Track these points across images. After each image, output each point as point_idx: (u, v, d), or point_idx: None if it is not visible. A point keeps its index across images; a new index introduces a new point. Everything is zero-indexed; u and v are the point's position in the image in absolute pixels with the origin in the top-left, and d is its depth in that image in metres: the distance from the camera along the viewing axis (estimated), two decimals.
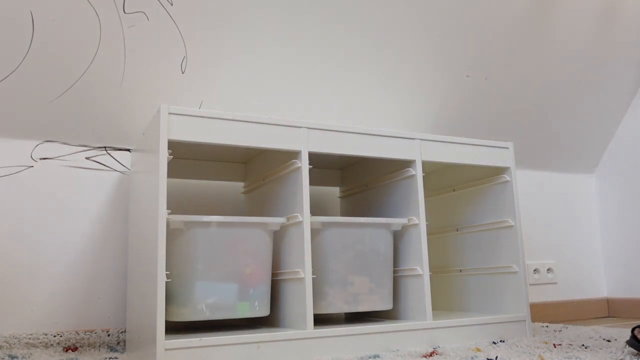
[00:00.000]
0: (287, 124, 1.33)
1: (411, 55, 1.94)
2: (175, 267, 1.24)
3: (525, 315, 1.56)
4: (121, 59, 1.55)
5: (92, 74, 1.53)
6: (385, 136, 1.46)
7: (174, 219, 1.21)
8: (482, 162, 1.59)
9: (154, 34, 1.57)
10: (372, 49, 1.88)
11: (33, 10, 1.43)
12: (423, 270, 1.44)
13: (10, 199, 1.48)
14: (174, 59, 1.62)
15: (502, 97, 2.15)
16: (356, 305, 1.42)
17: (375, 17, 1.84)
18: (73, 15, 1.46)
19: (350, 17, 1.81)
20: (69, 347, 1.43)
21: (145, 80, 1.60)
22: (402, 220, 1.48)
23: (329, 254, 1.40)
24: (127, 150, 1.62)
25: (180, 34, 1.61)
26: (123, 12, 1.52)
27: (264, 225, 1.34)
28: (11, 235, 1.47)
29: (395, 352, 1.30)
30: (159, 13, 1.56)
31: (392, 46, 1.90)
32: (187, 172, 1.65)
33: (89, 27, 1.49)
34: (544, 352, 1.25)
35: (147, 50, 1.58)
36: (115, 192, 1.59)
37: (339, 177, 1.87)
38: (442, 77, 2.01)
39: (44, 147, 1.54)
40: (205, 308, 1.25)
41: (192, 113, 1.23)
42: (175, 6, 1.58)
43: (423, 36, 1.92)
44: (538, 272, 2.23)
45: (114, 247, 1.57)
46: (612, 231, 2.37)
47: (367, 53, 1.87)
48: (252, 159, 1.65)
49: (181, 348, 1.11)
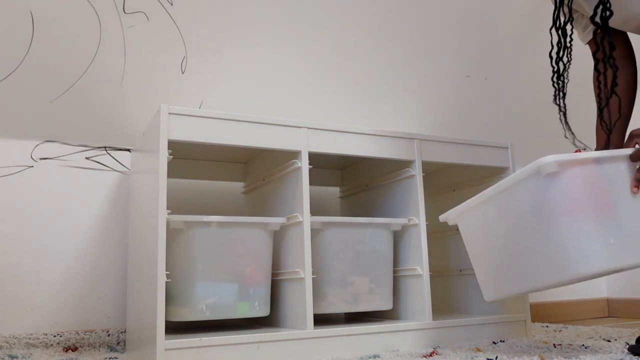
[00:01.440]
0: (287, 124, 1.33)
1: (411, 55, 1.94)
2: (175, 267, 1.24)
3: (525, 315, 1.56)
4: (121, 59, 1.55)
5: (92, 74, 1.53)
6: (385, 136, 1.46)
7: (174, 219, 1.21)
8: (482, 162, 1.59)
9: (154, 34, 1.57)
10: (372, 49, 1.88)
11: (33, 10, 1.43)
12: (423, 270, 1.44)
13: (10, 199, 1.48)
14: (174, 59, 1.62)
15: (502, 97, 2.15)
16: (356, 305, 1.42)
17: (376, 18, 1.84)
18: (73, 15, 1.46)
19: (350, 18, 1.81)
20: (69, 347, 1.43)
21: (145, 80, 1.60)
22: (402, 220, 1.48)
23: (329, 254, 1.40)
24: (127, 150, 1.62)
25: (180, 34, 1.61)
26: (123, 12, 1.52)
27: (264, 225, 1.34)
28: (11, 235, 1.47)
29: (395, 352, 1.30)
30: (159, 13, 1.56)
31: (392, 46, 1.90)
32: (187, 172, 1.65)
33: (89, 27, 1.49)
34: (544, 352, 1.25)
35: (147, 50, 1.58)
36: (115, 192, 1.59)
37: (339, 177, 1.87)
38: (442, 77, 2.01)
39: (44, 147, 1.54)
40: (205, 308, 1.25)
41: (192, 113, 1.23)
42: (175, 6, 1.58)
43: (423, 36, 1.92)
44: None
45: (114, 247, 1.57)
46: None
47: (367, 53, 1.87)
48: (252, 159, 1.65)
49: (181, 348, 1.11)
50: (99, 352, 1.39)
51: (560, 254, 1.10)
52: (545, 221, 1.12)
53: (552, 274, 1.12)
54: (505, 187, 1.18)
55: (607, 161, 1.13)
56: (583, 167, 1.10)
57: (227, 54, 1.68)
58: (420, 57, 1.95)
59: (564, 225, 1.09)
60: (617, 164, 1.14)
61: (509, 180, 1.16)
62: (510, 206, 1.18)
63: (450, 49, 1.97)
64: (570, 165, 1.10)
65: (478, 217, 1.28)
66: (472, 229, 1.30)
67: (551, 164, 1.08)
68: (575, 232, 1.08)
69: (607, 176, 1.12)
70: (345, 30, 1.81)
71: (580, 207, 1.10)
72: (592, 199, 1.10)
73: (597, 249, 1.07)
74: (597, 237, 1.08)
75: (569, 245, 1.09)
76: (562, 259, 1.10)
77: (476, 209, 1.27)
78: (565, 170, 1.09)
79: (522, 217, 1.17)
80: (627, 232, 1.09)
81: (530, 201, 1.14)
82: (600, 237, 1.08)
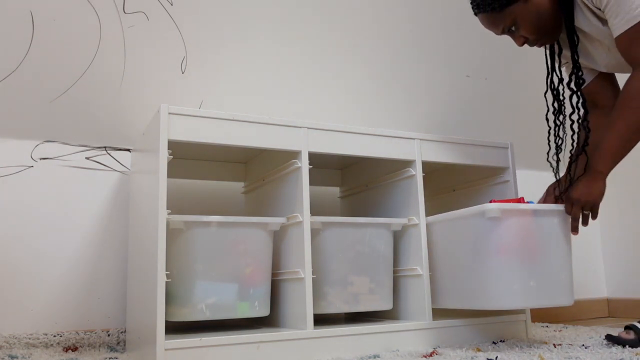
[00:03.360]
0: (287, 124, 1.33)
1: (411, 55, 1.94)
2: (175, 267, 1.24)
3: (525, 315, 1.56)
4: (121, 59, 1.55)
5: (92, 74, 1.53)
6: (385, 136, 1.45)
7: (174, 219, 1.21)
8: (482, 162, 1.59)
9: (154, 34, 1.57)
10: (372, 49, 1.88)
11: (33, 10, 1.43)
12: (423, 270, 1.43)
13: (10, 199, 1.48)
14: (174, 59, 1.62)
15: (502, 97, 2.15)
16: (356, 305, 1.42)
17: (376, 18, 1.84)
18: (73, 15, 1.46)
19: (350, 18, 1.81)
20: (69, 347, 1.43)
21: (145, 80, 1.60)
22: (402, 220, 1.48)
23: (329, 254, 1.40)
24: (127, 150, 1.62)
25: (180, 34, 1.61)
26: (123, 12, 1.52)
27: (264, 225, 1.34)
28: (11, 235, 1.47)
29: (395, 352, 1.30)
30: (159, 13, 1.56)
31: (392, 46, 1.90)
32: (187, 172, 1.64)
33: (89, 27, 1.49)
34: (544, 352, 1.25)
35: (147, 50, 1.58)
36: (115, 192, 1.59)
37: (339, 177, 1.87)
38: (442, 77, 2.01)
39: (44, 147, 1.54)
40: (205, 308, 1.25)
41: (192, 113, 1.23)
42: (175, 6, 1.58)
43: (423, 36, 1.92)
44: None
45: (114, 247, 1.57)
46: (612, 231, 2.37)
47: (367, 53, 1.87)
48: (252, 159, 1.65)
49: (181, 348, 1.11)
50: (99, 352, 1.39)
51: (486, 287, 1.29)
52: (480, 256, 1.30)
53: (480, 301, 1.31)
54: (460, 216, 1.35)
55: (543, 214, 1.31)
56: (521, 217, 1.29)
57: (227, 54, 1.68)
58: (421, 57, 1.95)
59: (494, 263, 1.27)
60: (551, 217, 1.32)
61: (464, 212, 1.34)
62: (459, 233, 1.36)
63: (450, 49, 1.97)
64: (510, 214, 1.27)
65: (438, 233, 1.45)
66: (434, 240, 1.46)
67: (494, 210, 1.25)
68: (501, 272, 1.26)
69: (541, 227, 1.30)
70: (345, 30, 1.81)
71: (511, 251, 1.26)
72: (522, 245, 1.28)
73: (517, 289, 1.25)
74: (520, 278, 1.26)
75: (493, 282, 1.27)
76: (487, 292, 1.28)
77: (439, 225, 1.44)
78: (505, 217, 1.26)
79: (465, 246, 1.35)
80: (546, 277, 1.28)
81: (473, 236, 1.32)
82: (522, 279, 1.26)
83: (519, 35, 1.30)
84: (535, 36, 1.30)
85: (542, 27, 1.29)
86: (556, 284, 1.28)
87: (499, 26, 1.30)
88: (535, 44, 1.33)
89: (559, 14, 1.29)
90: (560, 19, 1.30)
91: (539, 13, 1.26)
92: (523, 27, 1.28)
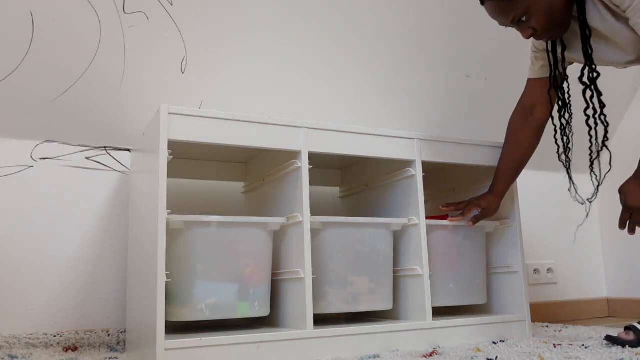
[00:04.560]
0: (287, 124, 1.33)
1: (411, 55, 1.94)
2: (175, 267, 1.24)
3: (525, 315, 1.56)
4: (121, 59, 1.55)
5: (92, 74, 1.53)
6: (385, 136, 1.45)
7: (174, 219, 1.21)
8: (482, 162, 1.59)
9: (154, 34, 1.57)
10: (372, 49, 1.88)
11: (33, 10, 1.43)
12: (423, 270, 1.43)
13: (10, 199, 1.48)
14: (174, 59, 1.62)
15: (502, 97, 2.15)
16: (356, 305, 1.42)
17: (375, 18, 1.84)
18: (73, 15, 1.46)
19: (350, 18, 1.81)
20: (69, 347, 1.43)
21: (145, 80, 1.60)
22: (402, 220, 1.48)
23: (329, 254, 1.40)
24: (127, 150, 1.62)
25: (180, 34, 1.61)
26: (123, 12, 1.52)
27: (264, 225, 1.34)
28: (11, 235, 1.47)
29: (395, 352, 1.30)
30: (159, 13, 1.56)
31: (392, 46, 1.90)
32: (187, 172, 1.64)
33: (89, 27, 1.49)
34: (544, 352, 1.25)
35: (147, 50, 1.58)
36: (115, 192, 1.59)
37: (339, 177, 1.87)
38: (442, 77, 2.01)
39: (44, 147, 1.54)
40: (205, 308, 1.25)
41: (192, 113, 1.23)
42: (175, 6, 1.58)
43: (423, 36, 1.92)
44: (538, 272, 2.23)
45: (114, 247, 1.57)
46: (612, 231, 2.37)
47: (367, 53, 1.87)
48: (252, 159, 1.65)
49: (181, 348, 1.11)
50: (99, 352, 1.39)
51: None
52: None
53: None
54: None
55: (460, 228, 1.57)
56: (444, 230, 1.55)
57: (227, 54, 1.68)
58: (421, 57, 1.94)
59: None
60: (466, 230, 1.58)
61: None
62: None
63: (450, 49, 1.97)
64: (435, 228, 1.53)
65: None
66: None
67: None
68: None
69: (461, 237, 1.57)
70: (345, 30, 1.81)
71: (434, 259, 1.50)
72: (445, 254, 1.54)
73: (438, 291, 1.50)
74: (441, 282, 1.52)
75: None
76: None
77: None
78: (430, 230, 1.50)
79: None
80: (463, 281, 1.56)
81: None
82: (443, 282, 1.53)
83: (528, 26, 1.26)
84: (545, 28, 1.26)
85: (554, 19, 1.25)
86: (470, 286, 1.58)
87: (508, 15, 1.25)
88: (543, 37, 1.29)
89: (571, 8, 1.26)
90: (571, 13, 1.27)
91: (552, 4, 1.23)
92: (535, 18, 1.24)
